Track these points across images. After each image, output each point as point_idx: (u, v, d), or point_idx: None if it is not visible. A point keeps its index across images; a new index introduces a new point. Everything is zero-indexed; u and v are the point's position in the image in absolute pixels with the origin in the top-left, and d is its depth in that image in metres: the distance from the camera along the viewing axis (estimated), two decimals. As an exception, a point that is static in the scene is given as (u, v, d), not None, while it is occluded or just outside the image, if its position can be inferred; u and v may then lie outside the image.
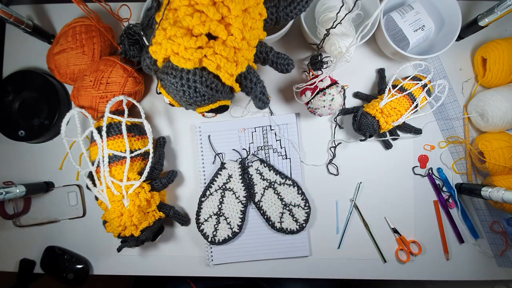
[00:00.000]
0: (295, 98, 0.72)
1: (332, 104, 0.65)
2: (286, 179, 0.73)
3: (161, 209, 0.69)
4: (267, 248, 0.73)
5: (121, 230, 0.64)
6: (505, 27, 0.76)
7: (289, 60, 0.61)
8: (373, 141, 0.75)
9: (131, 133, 0.68)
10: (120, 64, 0.69)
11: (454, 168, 0.74)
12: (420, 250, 0.73)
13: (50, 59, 0.71)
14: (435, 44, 0.73)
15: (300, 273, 0.74)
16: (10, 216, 0.75)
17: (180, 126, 0.76)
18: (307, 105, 0.68)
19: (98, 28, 0.71)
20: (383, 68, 0.75)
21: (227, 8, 0.51)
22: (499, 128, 0.70)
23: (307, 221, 0.72)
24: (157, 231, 0.70)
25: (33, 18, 0.78)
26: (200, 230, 0.72)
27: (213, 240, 0.72)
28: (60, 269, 0.73)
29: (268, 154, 0.74)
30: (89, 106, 0.68)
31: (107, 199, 0.64)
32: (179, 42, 0.51)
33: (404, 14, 0.69)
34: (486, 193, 0.64)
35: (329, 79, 0.66)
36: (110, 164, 0.65)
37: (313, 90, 0.66)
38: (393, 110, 0.67)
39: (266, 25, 0.59)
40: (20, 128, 0.72)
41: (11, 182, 0.76)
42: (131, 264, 0.75)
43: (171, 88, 0.55)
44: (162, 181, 0.70)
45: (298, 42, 0.76)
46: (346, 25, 0.66)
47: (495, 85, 0.72)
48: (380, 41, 0.72)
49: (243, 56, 0.54)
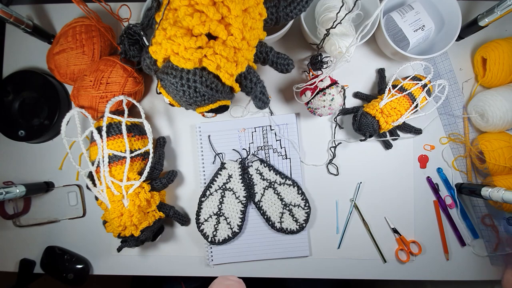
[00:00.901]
0: (295, 98, 0.72)
1: (332, 104, 0.65)
2: (286, 179, 0.73)
3: (161, 209, 0.69)
4: (267, 248, 0.73)
5: (121, 230, 0.64)
6: (505, 27, 0.76)
7: (289, 60, 0.61)
8: (373, 141, 0.75)
9: (131, 133, 0.68)
10: (120, 64, 0.69)
11: (454, 165, 0.74)
12: (420, 250, 0.73)
13: (50, 59, 0.71)
14: (435, 44, 0.73)
15: (300, 273, 0.74)
16: (10, 216, 0.75)
17: (180, 126, 0.76)
18: (307, 105, 0.68)
19: (98, 28, 0.71)
20: (383, 68, 0.75)
21: (227, 8, 0.51)
22: (499, 128, 0.70)
23: (307, 221, 0.72)
24: (157, 231, 0.70)
25: (33, 18, 0.78)
26: (200, 230, 0.72)
27: (213, 240, 0.72)
28: (60, 269, 0.73)
29: (268, 154, 0.74)
30: (89, 106, 0.68)
31: (107, 199, 0.63)
32: (179, 42, 0.51)
33: (404, 14, 0.69)
34: (486, 193, 0.64)
35: (329, 79, 0.66)
36: (110, 164, 0.65)
37: (313, 90, 0.66)
38: (393, 110, 0.67)
39: (266, 25, 0.59)
40: (20, 128, 0.72)
41: (11, 182, 0.76)
42: (132, 264, 0.75)
43: (171, 88, 0.55)
44: (162, 181, 0.70)
45: (298, 42, 0.76)
46: (346, 25, 0.66)
47: (495, 85, 0.72)
48: (380, 41, 0.72)
49: (243, 56, 0.54)
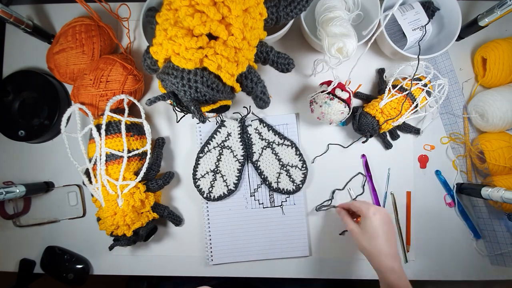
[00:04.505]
0: (309, 105, 0.71)
1: (332, 115, 0.66)
2: (285, 140, 0.73)
3: (156, 209, 0.69)
4: (267, 248, 0.73)
5: (113, 229, 0.64)
6: (505, 27, 0.76)
7: (290, 59, 0.61)
8: (373, 141, 0.75)
9: (130, 132, 0.68)
10: (119, 62, 0.69)
11: (455, 165, 0.74)
12: (420, 249, 0.73)
13: (50, 58, 0.71)
14: (435, 44, 0.73)
15: (300, 273, 0.74)
16: (10, 216, 0.74)
17: (180, 126, 0.76)
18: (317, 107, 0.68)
19: (98, 27, 0.71)
20: (383, 68, 0.75)
21: (228, 8, 0.51)
22: (499, 128, 0.70)
23: (304, 182, 0.72)
24: (150, 231, 0.70)
25: (33, 18, 0.77)
26: (196, 186, 0.73)
27: (208, 196, 0.72)
28: (60, 269, 0.73)
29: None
30: (89, 105, 0.68)
31: (102, 197, 0.64)
32: (180, 42, 0.51)
33: (404, 12, 0.69)
34: (486, 193, 0.64)
35: (347, 94, 0.66)
36: (107, 163, 0.65)
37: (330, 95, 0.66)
38: (393, 110, 0.67)
39: (267, 25, 0.59)
40: (20, 128, 0.72)
41: (11, 182, 0.76)
42: (132, 264, 0.75)
43: (172, 88, 0.55)
44: (158, 182, 0.69)
45: (298, 42, 0.76)
46: (346, 25, 0.66)
47: (495, 85, 0.72)
48: (380, 41, 0.72)
49: (244, 56, 0.54)
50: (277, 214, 0.74)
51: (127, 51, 0.76)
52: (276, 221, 0.73)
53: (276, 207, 0.74)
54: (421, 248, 0.73)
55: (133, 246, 0.72)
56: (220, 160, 0.73)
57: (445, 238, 0.73)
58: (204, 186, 0.73)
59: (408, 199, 0.74)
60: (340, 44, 0.62)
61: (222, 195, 0.73)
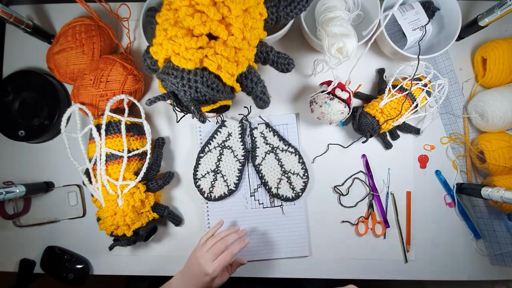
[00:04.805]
0: (309, 106, 0.71)
1: (332, 115, 0.66)
2: (289, 146, 0.73)
3: (156, 209, 0.69)
4: (267, 248, 0.73)
5: (113, 229, 0.64)
6: (505, 27, 0.76)
7: (290, 59, 0.61)
8: (373, 141, 0.75)
9: (130, 132, 0.68)
10: (119, 62, 0.69)
11: (455, 165, 0.74)
12: (420, 249, 0.73)
13: (50, 58, 0.71)
14: (435, 44, 0.73)
15: (300, 273, 0.74)
16: (10, 216, 0.74)
17: (180, 126, 0.76)
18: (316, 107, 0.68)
19: (98, 27, 0.71)
20: (383, 68, 0.75)
21: (228, 8, 0.51)
22: (499, 128, 0.70)
23: (304, 190, 0.72)
24: (150, 231, 0.70)
25: (33, 18, 0.77)
26: (197, 186, 0.73)
27: (209, 196, 0.72)
28: (60, 269, 0.73)
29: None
30: (89, 105, 0.68)
31: (102, 197, 0.64)
32: (180, 42, 0.51)
33: (404, 12, 0.69)
34: (486, 193, 0.64)
35: (347, 94, 0.66)
36: (107, 163, 0.65)
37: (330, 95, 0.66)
38: (393, 110, 0.67)
39: (267, 24, 0.59)
40: (20, 128, 0.72)
41: (11, 182, 0.76)
42: (132, 264, 0.75)
43: (172, 88, 0.55)
44: (158, 182, 0.69)
45: (298, 42, 0.76)
46: (346, 25, 0.66)
47: (495, 85, 0.72)
48: (380, 41, 0.72)
49: (244, 56, 0.54)
50: (277, 214, 0.74)
51: (127, 51, 0.76)
52: (276, 221, 0.73)
53: (276, 207, 0.74)
54: (421, 248, 0.73)
55: (133, 246, 0.72)
56: (221, 160, 0.73)
57: (445, 238, 0.73)
58: (204, 186, 0.73)
59: (408, 199, 0.74)
60: (340, 44, 0.62)
61: (223, 195, 0.73)
